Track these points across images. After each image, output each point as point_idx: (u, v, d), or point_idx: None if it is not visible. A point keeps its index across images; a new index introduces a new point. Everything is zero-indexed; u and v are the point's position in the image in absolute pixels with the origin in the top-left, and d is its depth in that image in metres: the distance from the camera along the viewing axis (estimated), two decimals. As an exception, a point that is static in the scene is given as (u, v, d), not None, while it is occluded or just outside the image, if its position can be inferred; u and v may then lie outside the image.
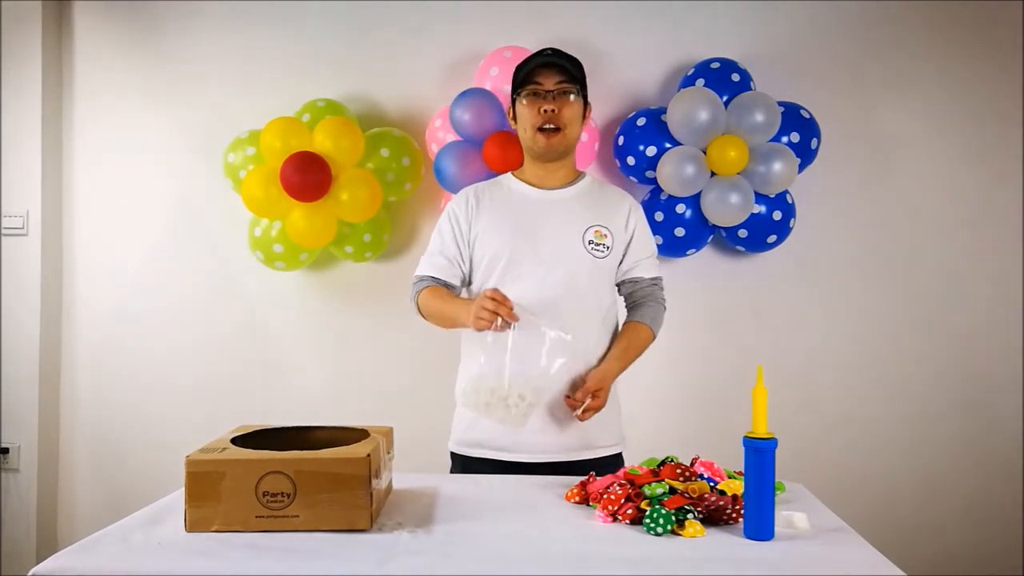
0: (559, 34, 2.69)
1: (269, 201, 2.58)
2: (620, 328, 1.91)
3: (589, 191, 1.92)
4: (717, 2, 2.80)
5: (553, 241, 1.82)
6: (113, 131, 2.97)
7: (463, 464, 1.86)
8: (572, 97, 1.81)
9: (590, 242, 1.83)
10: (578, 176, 1.93)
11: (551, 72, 1.80)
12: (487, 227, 1.86)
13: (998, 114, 2.77)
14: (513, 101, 1.87)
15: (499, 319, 1.64)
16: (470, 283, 1.92)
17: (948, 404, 2.79)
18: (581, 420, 1.75)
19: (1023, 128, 2.77)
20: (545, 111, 1.79)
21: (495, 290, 1.68)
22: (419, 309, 1.89)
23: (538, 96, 1.80)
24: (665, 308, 1.94)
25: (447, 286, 1.89)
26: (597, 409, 1.76)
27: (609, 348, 1.86)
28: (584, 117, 1.88)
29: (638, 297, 1.92)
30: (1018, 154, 2.77)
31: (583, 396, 1.74)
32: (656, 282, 1.93)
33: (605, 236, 1.85)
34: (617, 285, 1.93)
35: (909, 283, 2.80)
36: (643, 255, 1.91)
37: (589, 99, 1.90)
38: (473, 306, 1.69)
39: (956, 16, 2.77)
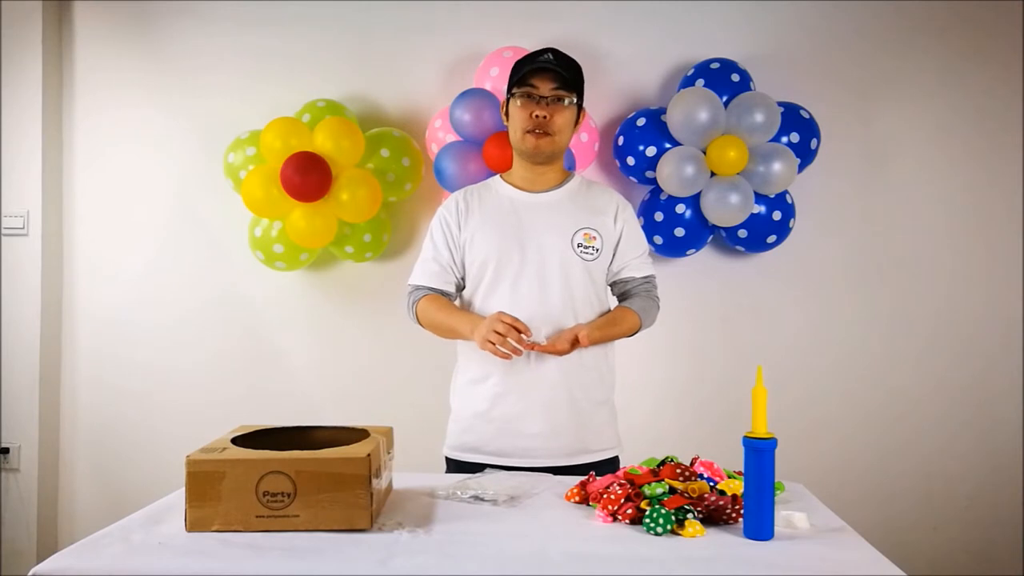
0: (559, 34, 2.69)
1: (269, 201, 2.58)
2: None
3: (577, 192, 1.90)
4: (717, 2, 2.80)
5: (542, 245, 1.82)
6: (113, 131, 2.97)
7: (458, 469, 1.85)
8: (565, 103, 1.80)
9: (579, 245, 1.83)
10: (566, 178, 1.92)
11: (547, 77, 1.79)
12: (476, 231, 1.86)
13: (998, 114, 2.77)
14: (507, 99, 1.87)
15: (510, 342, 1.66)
16: (463, 287, 1.91)
17: (948, 403, 2.79)
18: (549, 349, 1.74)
19: (1023, 125, 2.77)
20: (537, 116, 1.79)
21: (506, 314, 1.69)
22: (417, 317, 1.89)
23: (532, 100, 1.79)
24: (658, 306, 1.92)
25: (443, 294, 1.89)
26: (556, 352, 1.74)
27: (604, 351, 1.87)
28: (578, 122, 1.87)
29: (630, 294, 1.91)
30: (1018, 152, 2.77)
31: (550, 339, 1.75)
32: (649, 280, 1.92)
33: (594, 239, 1.84)
34: (609, 286, 1.92)
35: (909, 282, 2.80)
36: (633, 255, 1.90)
37: (588, 101, 1.89)
38: (482, 327, 1.70)
39: (956, 17, 2.77)
